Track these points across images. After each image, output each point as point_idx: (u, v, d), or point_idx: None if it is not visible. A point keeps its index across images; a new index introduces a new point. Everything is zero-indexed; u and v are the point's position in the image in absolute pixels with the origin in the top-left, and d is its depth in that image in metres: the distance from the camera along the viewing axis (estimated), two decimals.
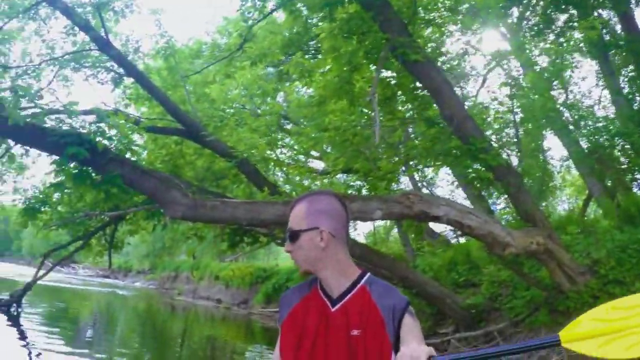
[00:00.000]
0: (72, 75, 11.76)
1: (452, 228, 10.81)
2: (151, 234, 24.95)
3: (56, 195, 12.89)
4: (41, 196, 12.67)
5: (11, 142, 10.34)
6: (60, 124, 8.02)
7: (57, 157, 7.93)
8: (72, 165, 7.97)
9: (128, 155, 8.63)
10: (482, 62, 29.39)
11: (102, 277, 44.79)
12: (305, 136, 10.46)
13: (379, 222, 21.71)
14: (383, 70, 9.17)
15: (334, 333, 1.84)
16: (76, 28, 10.28)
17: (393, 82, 10.04)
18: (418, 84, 9.45)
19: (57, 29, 12.83)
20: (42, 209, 12.72)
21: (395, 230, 20.28)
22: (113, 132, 8.21)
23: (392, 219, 10.84)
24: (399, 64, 8.83)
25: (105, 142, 7.87)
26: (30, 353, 10.10)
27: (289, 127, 15.26)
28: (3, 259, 54.54)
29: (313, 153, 15.75)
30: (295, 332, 1.90)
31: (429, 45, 10.81)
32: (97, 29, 10.06)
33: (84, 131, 7.84)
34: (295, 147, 14.98)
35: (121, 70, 11.29)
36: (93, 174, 8.14)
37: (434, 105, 9.36)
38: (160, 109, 12.21)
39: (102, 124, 7.98)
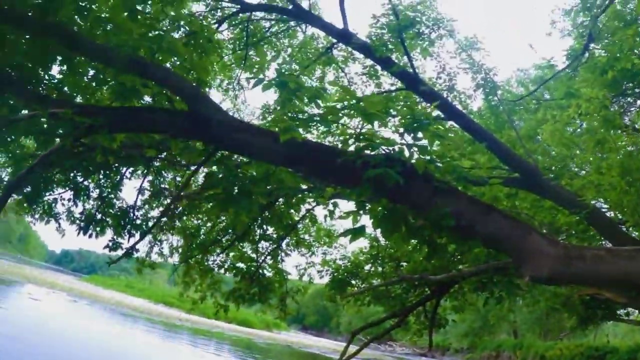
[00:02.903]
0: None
1: None
2: (473, 312, 22.75)
3: (367, 267, 11.98)
4: (350, 267, 11.98)
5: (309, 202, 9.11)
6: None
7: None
8: (377, 205, 5.27)
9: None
10: None
11: (419, 356, 44.83)
12: None
13: None
14: None
15: None
16: (377, 68, 8.68)
17: None
18: None
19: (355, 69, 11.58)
20: (352, 282, 12.06)
21: None
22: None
23: None
24: None
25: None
26: None
27: None
28: (321, 335, 57.35)
29: None
30: None
31: None
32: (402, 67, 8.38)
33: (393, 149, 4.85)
34: None
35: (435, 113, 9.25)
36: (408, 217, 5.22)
37: None
38: (485, 157, 9.77)
39: (420, 135, 4.88)
